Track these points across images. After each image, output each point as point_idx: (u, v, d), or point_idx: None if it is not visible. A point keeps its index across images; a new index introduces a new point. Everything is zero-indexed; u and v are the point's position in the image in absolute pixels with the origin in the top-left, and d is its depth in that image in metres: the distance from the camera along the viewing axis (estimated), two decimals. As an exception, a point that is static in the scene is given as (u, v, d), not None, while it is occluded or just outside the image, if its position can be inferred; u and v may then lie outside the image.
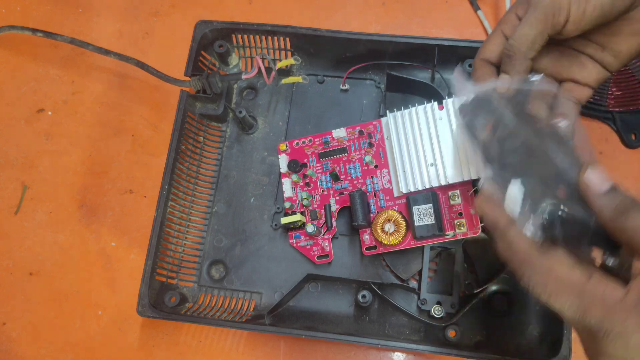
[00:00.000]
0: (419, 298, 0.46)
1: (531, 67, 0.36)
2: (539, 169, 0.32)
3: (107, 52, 0.54)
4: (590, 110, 0.53)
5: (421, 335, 0.46)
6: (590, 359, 0.28)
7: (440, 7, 0.59)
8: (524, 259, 0.29)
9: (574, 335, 0.41)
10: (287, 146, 0.50)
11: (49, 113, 0.58)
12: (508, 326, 0.46)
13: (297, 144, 0.50)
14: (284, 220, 0.47)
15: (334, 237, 0.48)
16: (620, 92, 0.53)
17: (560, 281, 0.28)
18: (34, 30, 0.56)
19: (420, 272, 0.46)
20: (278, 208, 0.50)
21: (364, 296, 0.46)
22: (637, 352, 0.26)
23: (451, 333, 0.45)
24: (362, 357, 0.49)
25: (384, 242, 0.44)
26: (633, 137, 0.53)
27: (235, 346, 0.50)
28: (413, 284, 0.47)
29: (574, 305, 0.27)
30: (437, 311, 0.45)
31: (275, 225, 0.50)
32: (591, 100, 0.53)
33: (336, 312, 0.48)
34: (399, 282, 0.46)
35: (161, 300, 0.47)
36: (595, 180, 0.29)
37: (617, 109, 0.53)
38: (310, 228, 0.46)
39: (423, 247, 0.46)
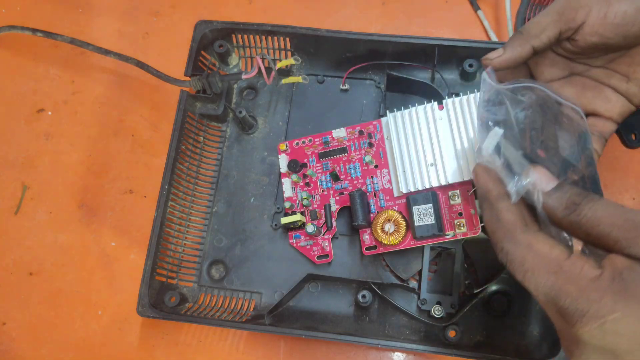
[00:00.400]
0: (419, 298, 0.46)
1: (531, 55, 0.35)
2: (545, 144, 0.31)
3: (107, 52, 0.54)
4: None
5: (421, 335, 0.46)
6: (566, 351, 0.27)
7: (440, 7, 0.59)
8: (507, 231, 0.29)
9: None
10: (287, 146, 0.50)
11: (49, 113, 0.58)
12: (508, 326, 0.46)
13: (297, 144, 0.50)
14: (284, 220, 0.47)
15: (334, 237, 0.48)
16: (620, 92, 0.53)
17: (538, 257, 0.27)
18: (34, 30, 0.56)
19: (420, 272, 0.46)
20: (278, 208, 0.50)
21: (364, 296, 0.46)
22: (614, 337, 0.24)
23: (451, 333, 0.45)
24: (362, 357, 0.49)
25: (384, 242, 0.44)
26: (633, 137, 0.52)
27: (235, 346, 0.50)
28: (413, 284, 0.47)
29: (549, 283, 0.26)
30: (437, 311, 0.45)
31: (275, 225, 0.50)
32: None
33: (336, 312, 0.48)
34: (399, 282, 0.46)
35: (161, 300, 0.47)
36: (540, 180, 0.28)
37: (617, 109, 0.53)
38: (310, 228, 0.46)
39: (423, 247, 0.46)
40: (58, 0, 0.62)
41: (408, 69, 0.51)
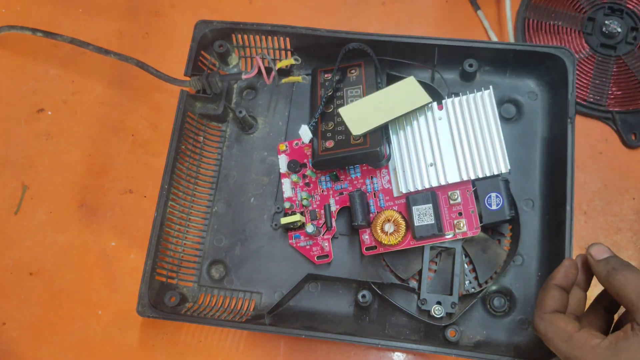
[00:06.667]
0: (419, 298, 0.46)
1: None
2: None
3: (107, 52, 0.54)
4: (590, 110, 0.53)
5: (421, 335, 0.46)
6: None
7: (440, 7, 0.59)
8: (537, 309, 0.37)
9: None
10: (286, 146, 0.50)
11: (49, 113, 0.58)
12: (508, 326, 0.46)
13: (297, 144, 0.50)
14: (284, 220, 0.47)
15: (333, 237, 0.48)
16: (620, 92, 0.53)
17: (556, 329, 0.35)
18: (34, 30, 0.56)
19: (420, 272, 0.46)
20: (278, 208, 0.50)
21: (364, 296, 0.46)
22: None
23: (451, 333, 0.45)
24: (362, 357, 0.49)
25: (383, 242, 0.44)
26: (633, 137, 0.53)
27: (235, 346, 0.50)
28: (413, 284, 0.47)
29: (563, 349, 0.34)
30: (437, 311, 0.45)
31: (275, 225, 0.50)
32: (591, 99, 0.53)
33: (336, 312, 0.48)
34: (399, 282, 0.46)
35: (161, 300, 0.47)
36: (596, 251, 0.36)
37: (617, 109, 0.53)
38: (309, 228, 0.46)
39: (423, 247, 0.46)
40: (58, 0, 0.62)
41: (408, 69, 0.51)
